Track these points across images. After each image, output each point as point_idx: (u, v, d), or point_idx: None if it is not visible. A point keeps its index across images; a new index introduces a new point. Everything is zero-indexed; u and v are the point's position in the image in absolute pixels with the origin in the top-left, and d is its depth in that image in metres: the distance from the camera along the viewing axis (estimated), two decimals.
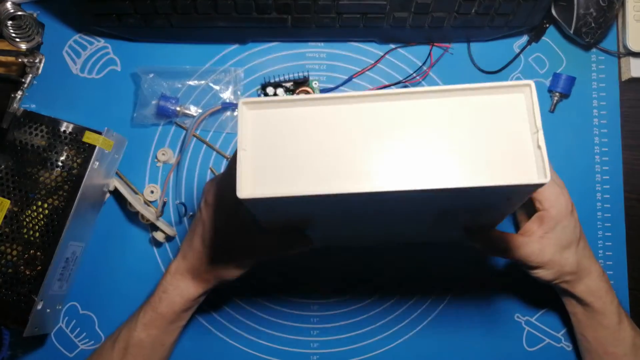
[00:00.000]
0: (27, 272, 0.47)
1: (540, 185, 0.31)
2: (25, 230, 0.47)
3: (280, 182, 0.30)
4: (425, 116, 0.31)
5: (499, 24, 0.53)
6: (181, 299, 0.44)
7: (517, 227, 0.53)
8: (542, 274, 0.44)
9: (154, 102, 0.53)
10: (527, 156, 0.31)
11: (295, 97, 0.30)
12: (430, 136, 0.31)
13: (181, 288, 0.44)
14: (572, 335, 0.53)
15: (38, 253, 0.47)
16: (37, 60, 0.53)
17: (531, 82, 0.31)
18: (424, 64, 0.55)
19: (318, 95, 0.31)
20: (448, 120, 0.31)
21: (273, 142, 0.30)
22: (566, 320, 0.53)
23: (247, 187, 0.29)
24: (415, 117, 0.31)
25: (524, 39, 0.57)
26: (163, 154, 0.54)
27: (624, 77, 0.56)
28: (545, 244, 0.43)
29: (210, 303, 0.51)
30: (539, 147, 0.30)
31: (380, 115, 0.30)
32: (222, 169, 0.54)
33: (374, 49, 0.56)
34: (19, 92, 0.52)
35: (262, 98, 0.30)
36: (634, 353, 0.45)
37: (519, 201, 0.37)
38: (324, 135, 0.30)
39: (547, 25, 0.56)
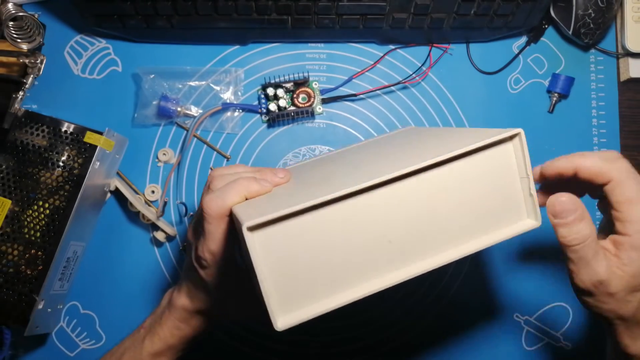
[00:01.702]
0: (28, 272, 0.47)
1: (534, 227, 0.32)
2: (26, 230, 0.47)
3: (308, 301, 0.29)
4: (423, 189, 0.30)
5: (498, 25, 0.54)
6: (194, 333, 0.42)
7: None
8: (591, 304, 0.34)
9: (154, 102, 0.53)
10: (518, 203, 0.32)
11: (294, 208, 0.28)
12: (430, 207, 0.31)
13: (195, 326, 0.42)
14: (571, 334, 0.53)
15: (39, 253, 0.47)
16: (38, 61, 0.54)
17: (520, 130, 0.31)
18: (423, 64, 0.56)
19: (316, 201, 0.28)
20: (444, 186, 0.31)
21: (288, 257, 0.29)
22: (565, 319, 0.54)
23: (280, 319, 0.28)
24: (414, 193, 0.30)
25: (523, 39, 0.57)
26: (164, 154, 0.54)
27: (623, 78, 0.56)
28: (617, 276, 0.32)
29: None
30: (530, 194, 0.32)
31: (380, 201, 0.30)
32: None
33: (374, 50, 0.56)
34: (21, 93, 0.53)
35: (263, 217, 0.27)
36: None
37: None
38: (333, 234, 0.29)
39: (546, 26, 0.56)
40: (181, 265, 0.53)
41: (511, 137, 0.31)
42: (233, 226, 0.34)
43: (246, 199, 0.34)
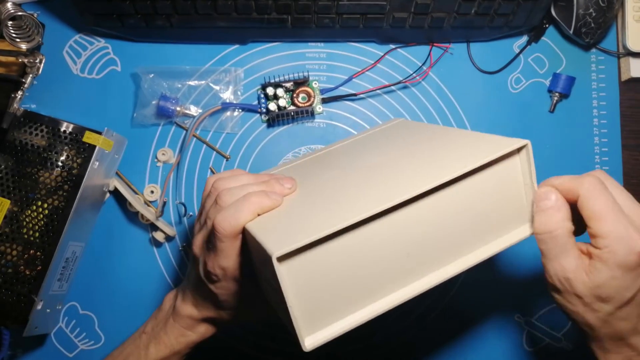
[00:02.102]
0: (27, 272, 0.47)
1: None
2: (25, 230, 0.47)
3: (334, 319, 0.30)
4: (430, 206, 0.31)
5: (499, 24, 0.54)
6: (201, 339, 0.42)
7: None
8: (560, 301, 0.35)
9: (154, 102, 0.53)
10: (523, 209, 0.34)
11: (319, 234, 0.28)
12: (440, 220, 0.31)
13: (201, 332, 0.42)
14: (572, 335, 0.53)
15: (38, 253, 0.47)
16: (37, 61, 0.53)
17: (527, 142, 0.32)
18: (423, 64, 0.56)
19: (337, 226, 0.28)
20: (455, 200, 0.31)
21: (312, 280, 0.29)
22: (566, 320, 0.53)
23: (308, 339, 0.29)
24: (422, 210, 0.31)
25: (524, 39, 0.57)
26: (163, 154, 0.54)
27: (624, 77, 0.56)
28: (580, 277, 0.32)
29: None
30: (532, 201, 0.33)
31: (396, 220, 0.30)
32: (223, 169, 0.54)
33: (374, 49, 0.56)
34: (19, 92, 0.52)
35: (290, 246, 0.27)
36: None
37: None
38: (353, 255, 0.30)
39: (547, 26, 0.56)
40: (180, 265, 0.53)
41: (518, 150, 0.32)
42: (245, 241, 0.34)
43: (258, 214, 0.34)
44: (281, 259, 0.27)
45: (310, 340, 0.29)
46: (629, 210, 0.32)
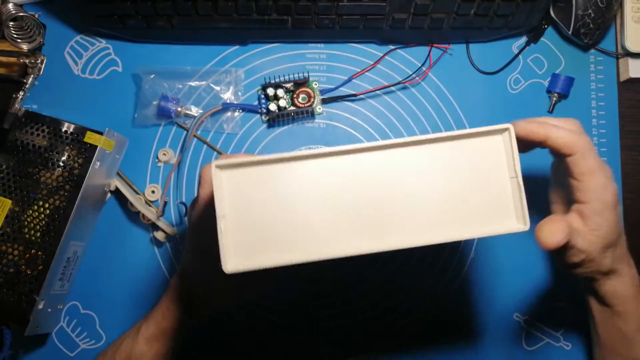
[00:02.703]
0: (29, 272, 0.47)
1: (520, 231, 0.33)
2: (26, 230, 0.47)
3: (266, 250, 0.28)
4: (404, 166, 0.30)
5: (498, 25, 0.54)
6: (187, 316, 0.43)
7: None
8: (579, 271, 0.39)
9: (155, 102, 0.53)
10: (506, 203, 0.32)
11: (269, 156, 0.27)
12: (411, 187, 0.30)
13: (186, 306, 0.43)
14: (571, 334, 0.53)
15: (39, 253, 0.47)
16: (38, 61, 0.54)
17: (510, 126, 0.31)
18: (423, 64, 0.56)
19: (293, 153, 0.28)
20: (428, 169, 0.30)
21: (252, 204, 0.28)
22: (566, 319, 0.54)
23: (232, 260, 0.28)
24: (395, 167, 0.30)
25: (523, 39, 0.57)
26: (164, 154, 0.54)
27: (623, 78, 0.56)
28: (593, 242, 0.36)
29: None
30: (520, 199, 0.31)
31: (359, 168, 0.29)
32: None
33: (374, 50, 0.56)
34: (21, 93, 0.53)
35: (235, 159, 0.27)
36: None
37: None
38: (304, 192, 0.28)
39: (546, 26, 0.56)
40: None
41: (501, 132, 0.31)
42: None
43: None
44: (224, 168, 0.27)
45: (233, 263, 0.28)
46: (600, 161, 0.36)
